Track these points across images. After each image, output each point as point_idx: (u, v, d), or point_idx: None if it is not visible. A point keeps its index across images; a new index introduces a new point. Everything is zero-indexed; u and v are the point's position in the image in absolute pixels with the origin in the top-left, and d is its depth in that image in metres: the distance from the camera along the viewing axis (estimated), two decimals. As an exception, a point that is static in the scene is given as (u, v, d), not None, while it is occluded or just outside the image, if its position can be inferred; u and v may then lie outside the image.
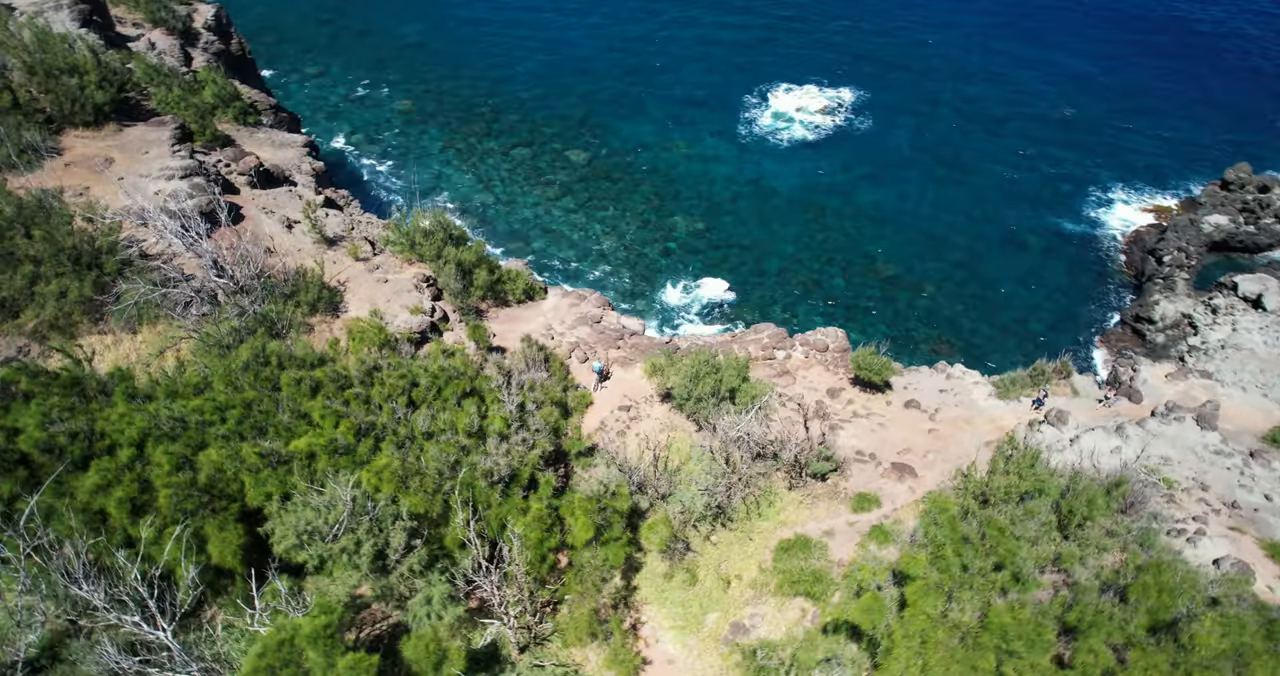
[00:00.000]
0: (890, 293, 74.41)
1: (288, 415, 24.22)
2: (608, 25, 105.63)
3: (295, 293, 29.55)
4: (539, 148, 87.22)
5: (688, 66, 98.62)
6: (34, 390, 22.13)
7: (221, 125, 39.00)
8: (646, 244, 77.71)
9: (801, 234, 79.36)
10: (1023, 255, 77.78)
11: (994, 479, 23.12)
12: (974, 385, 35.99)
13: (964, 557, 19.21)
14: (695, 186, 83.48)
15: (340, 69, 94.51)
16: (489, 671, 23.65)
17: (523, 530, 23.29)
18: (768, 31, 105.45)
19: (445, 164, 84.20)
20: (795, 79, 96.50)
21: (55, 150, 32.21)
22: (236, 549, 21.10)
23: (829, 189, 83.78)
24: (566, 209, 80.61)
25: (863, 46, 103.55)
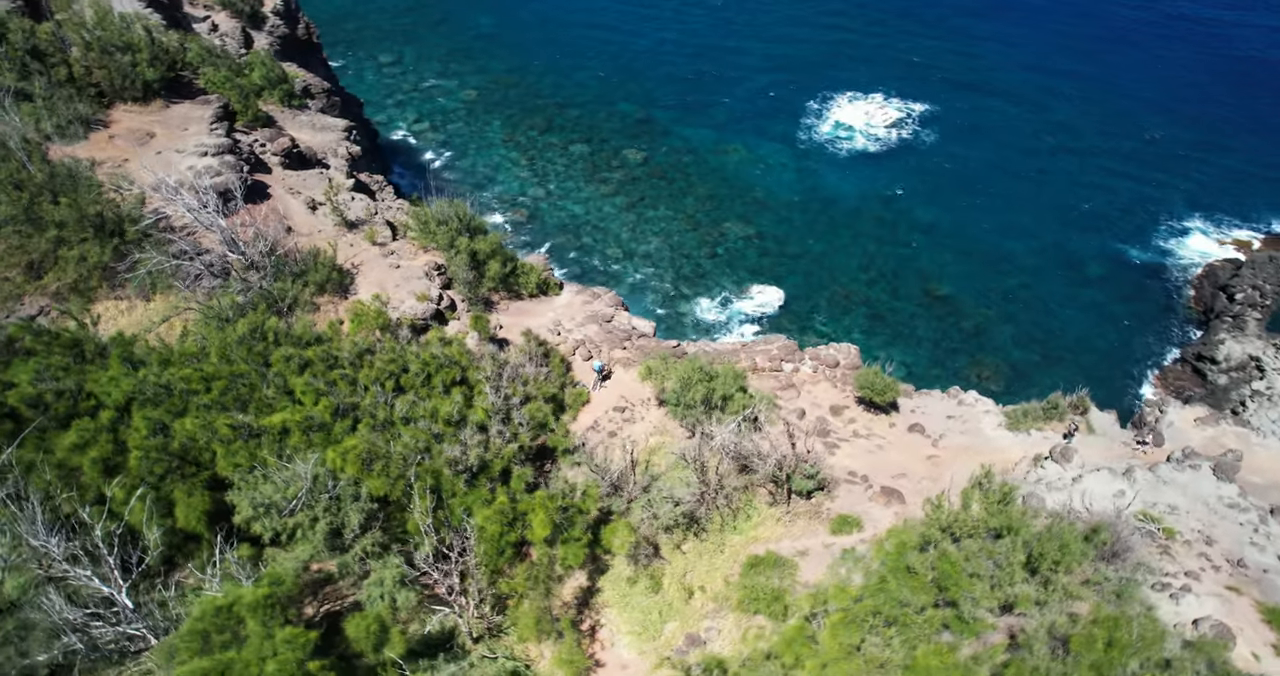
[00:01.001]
0: (939, 312, 72.43)
1: (272, 390, 25.02)
2: (681, 26, 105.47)
3: (304, 272, 30.48)
4: (598, 144, 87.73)
5: (756, 72, 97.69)
6: (36, 348, 23.41)
7: (267, 106, 40.46)
8: (694, 247, 77.44)
9: (854, 246, 77.90)
10: (1084, 283, 74.70)
11: (963, 513, 22.29)
12: (984, 414, 34.76)
13: (904, 591, 18.59)
14: (750, 192, 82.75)
15: (414, 58, 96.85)
16: (439, 658, 24.00)
17: (482, 521, 23.53)
18: (842, 42, 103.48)
19: (504, 156, 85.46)
20: (863, 89, 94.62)
21: (103, 123, 33.97)
22: (202, 515, 21.91)
23: (887, 202, 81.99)
24: (618, 207, 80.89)
25: (939, 61, 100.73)
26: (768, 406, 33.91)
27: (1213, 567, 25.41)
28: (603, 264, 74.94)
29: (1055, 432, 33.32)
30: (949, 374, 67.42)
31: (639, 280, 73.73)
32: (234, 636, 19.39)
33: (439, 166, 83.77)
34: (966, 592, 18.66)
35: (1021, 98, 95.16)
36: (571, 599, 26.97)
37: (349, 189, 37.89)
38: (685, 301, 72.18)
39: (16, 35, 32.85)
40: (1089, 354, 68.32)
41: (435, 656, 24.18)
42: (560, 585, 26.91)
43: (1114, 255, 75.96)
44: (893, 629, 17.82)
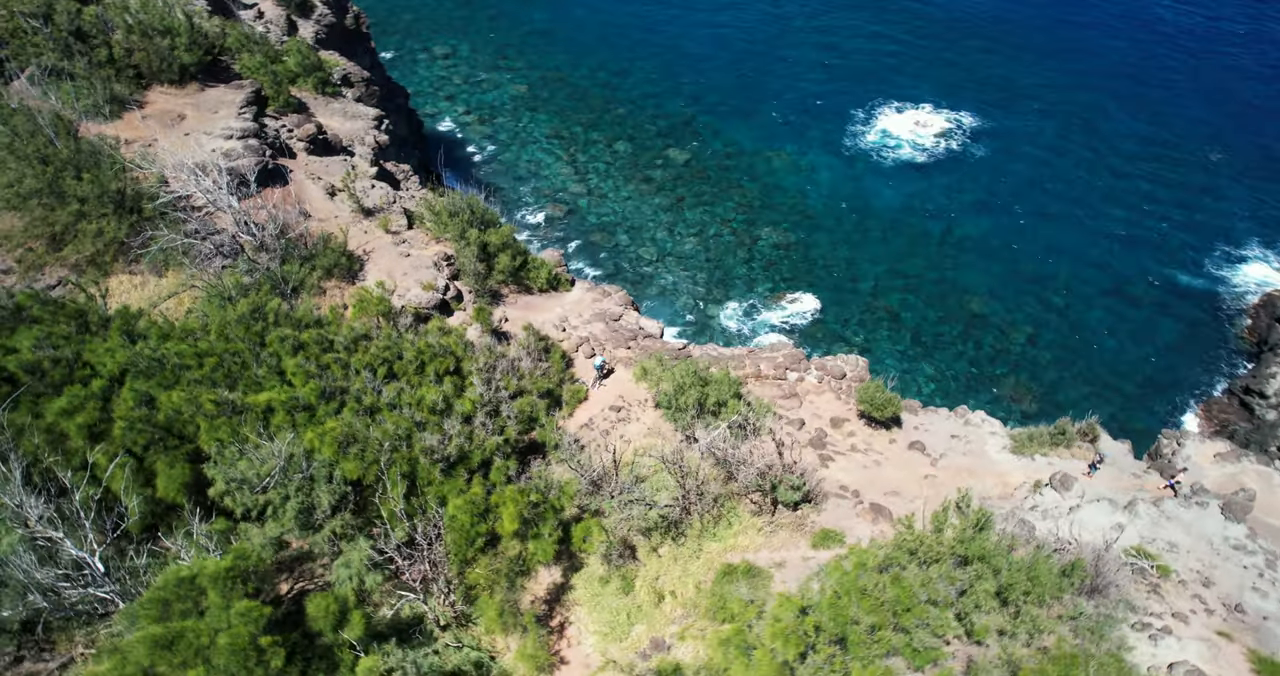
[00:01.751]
0: (976, 330, 70.85)
1: (264, 370, 25.64)
2: (734, 27, 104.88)
3: (313, 256, 31.15)
4: (641, 143, 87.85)
5: (806, 76, 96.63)
6: (41, 317, 24.40)
7: (301, 93, 41.46)
8: (729, 251, 77.06)
9: (893, 258, 76.63)
10: (1132, 307, 72.24)
11: (933, 536, 21.69)
12: (990, 435, 33.84)
13: (855, 610, 18.18)
14: (790, 197, 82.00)
15: (467, 51, 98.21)
16: (404, 642, 24.31)
17: (453, 510, 23.74)
18: (896, 51, 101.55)
19: (547, 151, 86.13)
20: (914, 98, 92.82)
21: (138, 103, 35.22)
22: (181, 486, 22.57)
23: (930, 214, 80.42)
24: (656, 207, 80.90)
25: (992, 74, 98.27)
26: (765, 414, 33.55)
27: (1205, 610, 24.31)
28: (636, 264, 75.04)
29: (1061, 459, 32.28)
30: (980, 392, 65.99)
31: (670, 282, 73.64)
32: (195, 606, 19.92)
33: (482, 159, 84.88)
34: (919, 619, 18.18)
35: (1076, 113, 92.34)
36: (545, 594, 27.05)
37: (372, 177, 38.59)
38: (715, 306, 71.88)
39: (62, 17, 34.26)
40: (1129, 380, 66.07)
41: (401, 641, 24.54)
42: (532, 579, 27.04)
43: (1163, 279, 73.23)
44: (835, 647, 17.46)
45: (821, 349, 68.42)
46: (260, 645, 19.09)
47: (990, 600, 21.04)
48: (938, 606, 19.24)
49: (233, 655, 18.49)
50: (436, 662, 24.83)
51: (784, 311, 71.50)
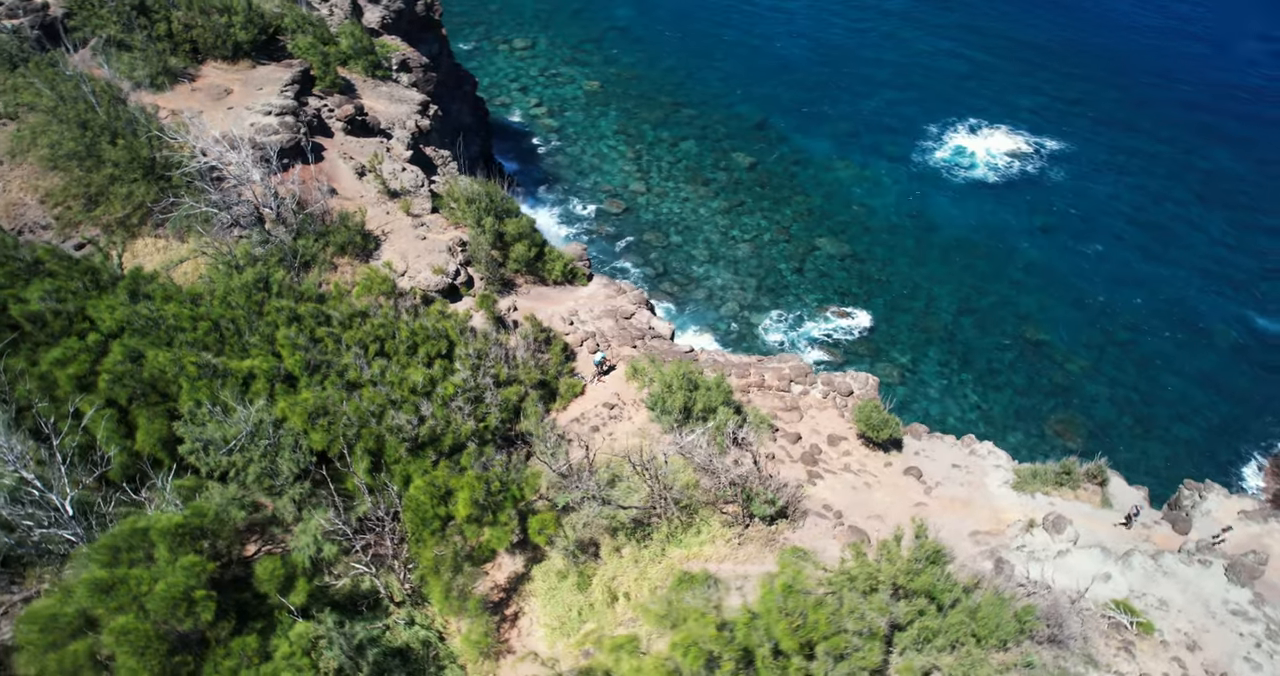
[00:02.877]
0: (1030, 359, 68.00)
1: (256, 338, 26.61)
2: (816, 34, 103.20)
3: (328, 233, 32.14)
4: (707, 145, 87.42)
5: (884, 89, 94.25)
6: (56, 271, 25.92)
7: (351, 75, 42.82)
8: (783, 259, 76.00)
9: (952, 278, 74.20)
10: (1205, 348, 68.15)
11: (876, 565, 20.90)
12: (994, 468, 32.42)
13: (774, 632, 17.70)
14: (851, 209, 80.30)
15: (546, 45, 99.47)
16: (356, 614, 24.92)
17: (413, 491, 24.19)
18: (981, 67, 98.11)
19: (612, 147, 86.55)
20: (992, 118, 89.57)
21: (191, 76, 37.03)
22: (158, 441, 23.66)
23: (996, 236, 77.58)
24: (714, 210, 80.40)
25: (1085, 96, 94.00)
26: (760, 425, 33.00)
27: (1181, 674, 22.76)
28: (685, 265, 74.74)
29: (1064, 499, 30.67)
30: (1027, 424, 63.37)
31: (718, 286, 73.08)
32: (146, 556, 20.84)
33: (547, 151, 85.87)
34: (833, 648, 17.58)
35: (1172, 140, 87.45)
36: (505, 582, 27.30)
37: (406, 160, 39.56)
38: (760, 314, 70.98)
39: (127, -9, 36.39)
40: (1191, 426, 62.33)
41: (355, 612, 25.16)
42: (495, 567, 27.33)
43: (1243, 322, 68.76)
44: (742, 667, 17.05)
45: (865, 365, 66.83)
46: (194, 597, 19.83)
47: (936, 638, 20.20)
48: (863, 637, 18.56)
49: (165, 604, 19.25)
50: (387, 638, 25.41)
51: (830, 324, 70.08)
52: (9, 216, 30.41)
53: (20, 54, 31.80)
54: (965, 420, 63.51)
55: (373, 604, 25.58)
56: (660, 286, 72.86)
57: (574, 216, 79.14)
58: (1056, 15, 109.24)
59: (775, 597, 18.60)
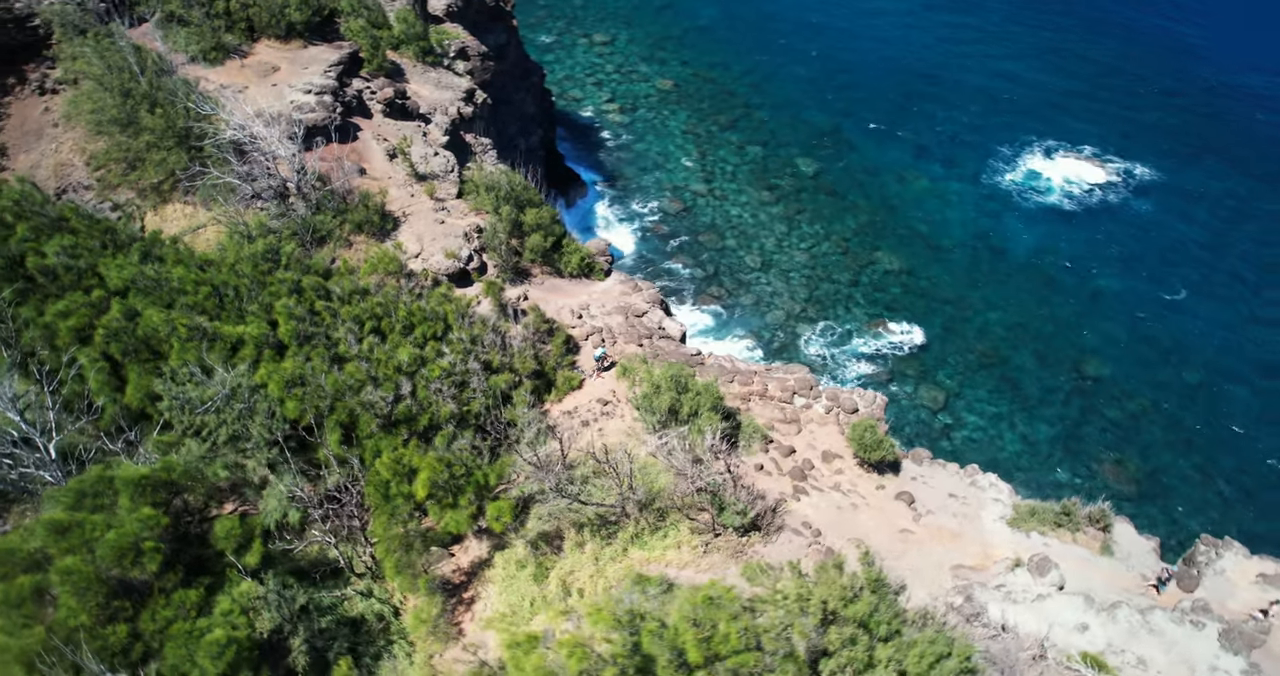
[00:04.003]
0: (1085, 392, 64.83)
1: (255, 306, 27.59)
2: (901, 46, 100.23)
3: (346, 210, 33.06)
4: (775, 150, 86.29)
5: (965, 104, 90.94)
6: (78, 228, 27.45)
7: (402, 59, 43.90)
8: (838, 270, 74.44)
9: (1013, 303, 71.25)
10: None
11: (818, 588, 20.17)
12: (993, 501, 30.97)
13: (681, 642, 17.34)
14: (915, 224, 78.00)
15: (626, 41, 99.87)
16: (317, 581, 25.59)
17: (377, 466, 24.65)
18: (1070, 89, 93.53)
19: (678, 146, 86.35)
20: (1075, 141, 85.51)
21: (242, 53, 38.64)
22: (145, 396, 24.79)
23: (1066, 264, 74.10)
24: (773, 216, 79.37)
25: (1183, 124, 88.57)
26: (754, 435, 32.42)
27: (1143, 740, 21.28)
28: (737, 269, 73.97)
29: (1061, 541, 29.03)
30: (1075, 462, 60.41)
31: (767, 293, 72.07)
32: (109, 504, 21.86)
33: (614, 146, 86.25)
34: (737, 666, 17.10)
35: (1273, 179, 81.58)
36: (468, 565, 27.57)
37: (441, 145, 40.33)
38: (807, 324, 69.69)
39: (191, -31, 38.22)
40: (1256, 477, 58.34)
41: (316, 580, 25.86)
42: (460, 549, 27.64)
43: (1328, 378, 63.75)
44: (626, 672, 16.77)
45: (910, 385, 64.98)
46: (141, 547, 20.70)
47: (866, 671, 19.43)
48: (779, 658, 18.01)
49: (113, 551, 20.15)
50: (344, 607, 26.02)
51: (877, 341, 68.24)
52: (56, 175, 32.39)
53: (84, 25, 33.84)
54: (1008, 451, 60.97)
55: (334, 573, 26.25)
56: (708, 289, 72.34)
57: (632, 212, 79.28)
58: (1158, 45, 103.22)
59: (689, 607, 18.21)
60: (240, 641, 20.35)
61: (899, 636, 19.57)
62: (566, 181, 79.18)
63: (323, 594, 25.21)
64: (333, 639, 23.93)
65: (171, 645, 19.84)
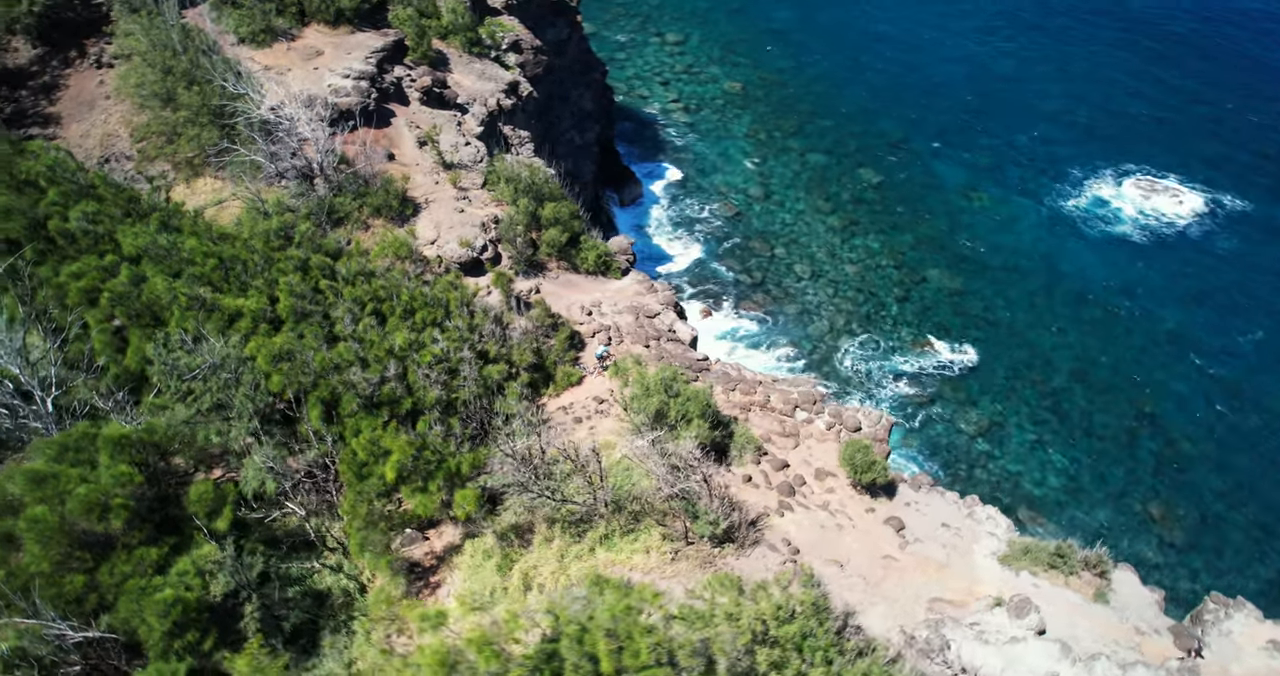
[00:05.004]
0: (1139, 431, 61.75)
1: (260, 281, 28.50)
2: (980, 59, 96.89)
3: (366, 193, 33.84)
4: (837, 158, 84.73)
5: (1042, 123, 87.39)
6: (104, 196, 28.82)
7: (449, 49, 44.71)
8: (888, 285, 72.64)
9: (1069, 332, 68.28)
10: (1359, 459, 59.05)
11: (749, 605, 19.63)
12: (987, 535, 29.70)
13: (574, 650, 17.16)
14: (974, 244, 75.48)
15: (698, 42, 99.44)
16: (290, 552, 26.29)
17: (353, 445, 25.18)
18: (1158, 114, 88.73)
19: (739, 149, 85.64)
20: (1156, 167, 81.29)
21: (291, 36, 39.94)
22: (143, 360, 25.87)
23: (1130, 296, 70.57)
24: (828, 226, 77.99)
25: (1277, 151, 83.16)
26: (746, 446, 31.87)
27: (1093, 801, 20.08)
28: (783, 278, 72.92)
29: (1053, 584, 27.61)
30: (1121, 503, 57.60)
31: (812, 304, 70.82)
32: (89, 459, 22.87)
33: (674, 146, 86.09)
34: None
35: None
36: (440, 550, 27.89)
37: (475, 136, 40.90)
38: (848, 337, 68.21)
39: (246, -46, 39.67)
40: (1316, 539, 54.36)
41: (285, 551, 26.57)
42: (435, 533, 27.98)
43: None
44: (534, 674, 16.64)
45: (950, 408, 62.98)
46: (110, 503, 21.59)
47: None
48: (693, 674, 17.65)
49: (82, 504, 21.07)
50: (313, 580, 26.64)
51: (921, 360, 66.31)
52: (102, 145, 34.12)
53: (138, 4, 35.58)
54: (1047, 485, 58.48)
55: (308, 546, 26.91)
56: (752, 296, 71.54)
57: (685, 213, 79.01)
58: (1255, 70, 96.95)
59: (607, 615, 17.98)
60: (188, 602, 21.01)
61: (829, 666, 18.94)
62: (622, 179, 79.39)
63: (293, 565, 25.87)
64: (293, 608, 24.54)
65: (125, 600, 20.62)
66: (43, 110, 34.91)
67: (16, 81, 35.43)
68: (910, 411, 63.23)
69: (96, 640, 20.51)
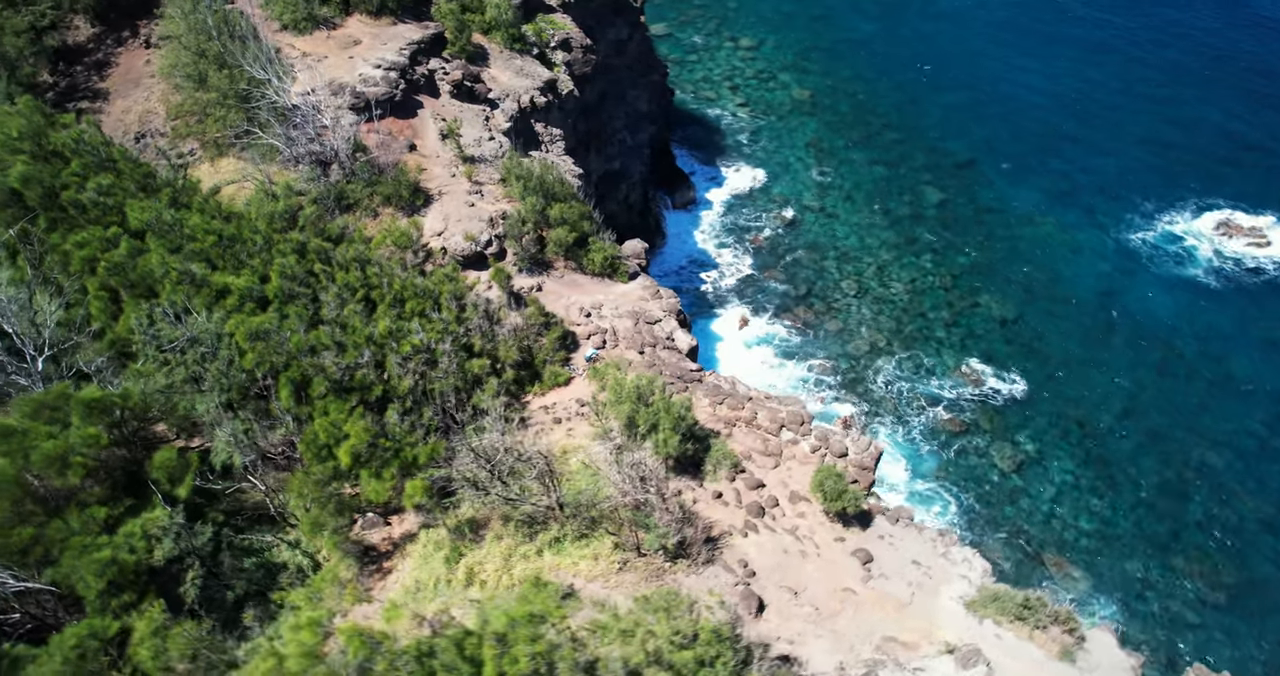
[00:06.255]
0: (1191, 485, 58.40)
1: (256, 261, 29.53)
2: (1062, 79, 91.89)
3: (377, 182, 34.64)
4: (900, 173, 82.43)
5: (1123, 151, 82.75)
6: (122, 170, 30.34)
7: (491, 44, 45.34)
8: (936, 307, 70.39)
9: (1127, 373, 64.70)
10: None
11: (644, 625, 19.22)
12: (959, 577, 28.41)
13: (450, 652, 17.18)
14: (1033, 272, 72.34)
15: (772, 47, 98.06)
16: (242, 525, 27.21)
17: (316, 427, 25.84)
18: (1259, 145, 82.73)
19: (799, 158, 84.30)
20: (1250, 203, 75.95)
21: (332, 25, 41.20)
22: (131, 329, 27.13)
23: (1200, 339, 66.41)
24: (881, 242, 76.06)
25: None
26: (721, 463, 31.32)
27: None
28: (829, 292, 71.40)
29: (1017, 637, 26.19)
30: (1158, 556, 54.47)
31: (854, 322, 69.16)
32: (63, 419, 24.06)
33: (734, 152, 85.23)
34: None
35: None
36: (398, 536, 28.41)
37: (502, 132, 41.41)
38: (886, 358, 66.35)
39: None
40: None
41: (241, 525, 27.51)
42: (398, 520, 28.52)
43: None
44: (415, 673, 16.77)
45: (984, 439, 60.62)
46: (69, 460, 22.75)
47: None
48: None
49: (43, 458, 22.28)
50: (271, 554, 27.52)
51: (960, 388, 63.96)
52: (140, 121, 35.94)
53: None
54: (1078, 529, 55.76)
55: (271, 521, 27.78)
56: (795, 308, 70.36)
57: (737, 220, 78.31)
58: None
59: (503, 620, 17.98)
60: (125, 563, 22.00)
61: (723, 697, 18.46)
62: (675, 181, 79.12)
63: (253, 538, 26.78)
64: (240, 579, 25.39)
65: (68, 555, 21.70)
66: (93, 85, 37.13)
67: (74, 57, 37.80)
68: (943, 439, 61.12)
69: (36, 591, 21.63)
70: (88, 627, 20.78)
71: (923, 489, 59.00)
